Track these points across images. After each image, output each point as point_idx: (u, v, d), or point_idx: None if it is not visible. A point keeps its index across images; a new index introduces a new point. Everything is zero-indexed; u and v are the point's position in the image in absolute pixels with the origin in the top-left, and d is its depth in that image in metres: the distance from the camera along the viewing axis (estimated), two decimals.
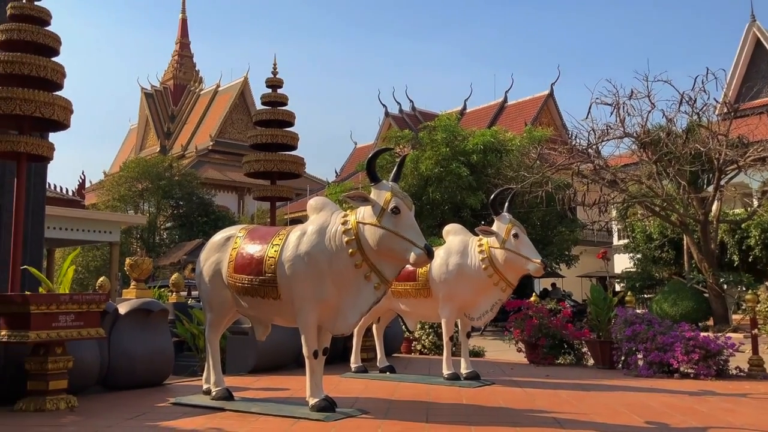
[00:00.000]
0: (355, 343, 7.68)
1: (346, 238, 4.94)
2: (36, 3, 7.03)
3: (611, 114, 14.47)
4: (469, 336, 7.24)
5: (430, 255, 4.74)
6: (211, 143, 46.94)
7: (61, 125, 7.07)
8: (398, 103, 43.23)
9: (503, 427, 4.77)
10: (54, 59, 7.00)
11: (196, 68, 55.91)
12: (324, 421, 4.82)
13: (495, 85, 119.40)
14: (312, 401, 5.05)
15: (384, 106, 42.38)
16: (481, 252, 6.67)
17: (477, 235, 6.88)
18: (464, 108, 41.98)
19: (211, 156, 46.64)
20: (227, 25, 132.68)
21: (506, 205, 7.01)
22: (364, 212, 4.96)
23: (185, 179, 37.19)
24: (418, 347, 10.69)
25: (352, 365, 7.63)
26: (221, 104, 49.86)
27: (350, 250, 4.90)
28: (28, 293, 5.54)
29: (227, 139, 47.70)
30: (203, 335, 8.26)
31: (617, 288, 26.81)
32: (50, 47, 6.97)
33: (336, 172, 44.68)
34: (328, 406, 5.01)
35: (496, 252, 6.59)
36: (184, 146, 48.90)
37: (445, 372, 6.96)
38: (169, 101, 53.81)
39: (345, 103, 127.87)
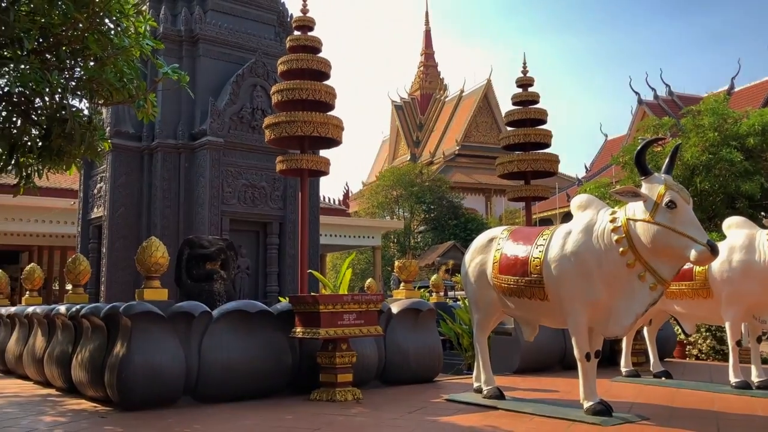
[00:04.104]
0: (625, 346, 7.31)
1: (615, 237, 4.73)
2: (309, 33, 7.86)
3: None
4: (759, 340, 6.51)
5: (714, 252, 4.36)
6: (457, 148, 48.26)
7: (335, 142, 7.80)
8: (653, 89, 40.07)
9: None
10: (326, 82, 7.76)
11: (441, 76, 57.89)
12: (601, 425, 4.65)
13: None
14: (587, 404, 4.91)
15: (636, 93, 39.63)
16: None
17: (765, 227, 6.16)
18: (731, 87, 37.63)
19: (457, 160, 47.96)
20: (468, 30, 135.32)
21: None
22: (635, 208, 4.72)
23: (435, 184, 38.82)
24: (693, 352, 9.84)
25: (623, 369, 7.28)
26: (465, 109, 50.99)
27: (621, 249, 4.69)
28: (317, 294, 6.18)
29: (472, 143, 48.64)
30: (467, 334, 8.52)
31: None
32: (323, 72, 7.75)
33: (586, 167, 42.86)
34: (604, 410, 4.83)
35: None
36: (432, 153, 50.92)
37: (733, 379, 6.32)
38: (416, 111, 56.41)
39: (591, 95, 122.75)
